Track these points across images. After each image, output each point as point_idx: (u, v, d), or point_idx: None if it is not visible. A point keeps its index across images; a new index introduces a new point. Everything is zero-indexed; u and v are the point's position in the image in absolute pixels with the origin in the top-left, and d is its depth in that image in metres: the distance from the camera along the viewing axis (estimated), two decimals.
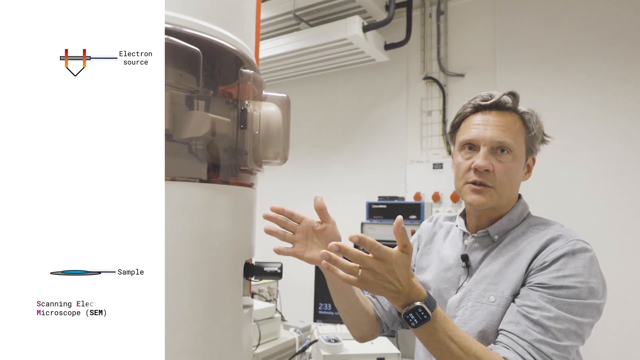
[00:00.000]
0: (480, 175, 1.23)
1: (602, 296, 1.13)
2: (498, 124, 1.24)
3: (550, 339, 1.07)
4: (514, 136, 1.23)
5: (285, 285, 3.00)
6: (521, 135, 1.25)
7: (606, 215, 3.10)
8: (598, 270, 1.14)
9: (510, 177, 1.23)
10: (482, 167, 1.21)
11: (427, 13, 4.00)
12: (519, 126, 1.25)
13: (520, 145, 1.25)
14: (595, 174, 3.16)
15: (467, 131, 1.28)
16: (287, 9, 3.75)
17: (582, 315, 1.09)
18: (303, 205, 4.58)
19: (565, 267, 1.12)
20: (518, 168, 1.25)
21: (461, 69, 3.82)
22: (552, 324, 1.08)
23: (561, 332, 1.08)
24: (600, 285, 1.13)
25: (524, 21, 3.54)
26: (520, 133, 1.25)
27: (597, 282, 1.12)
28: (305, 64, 4.06)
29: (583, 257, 1.13)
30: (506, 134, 1.22)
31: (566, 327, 1.08)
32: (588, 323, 1.11)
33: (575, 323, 1.09)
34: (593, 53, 3.26)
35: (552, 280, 1.12)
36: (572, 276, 1.11)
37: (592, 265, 1.13)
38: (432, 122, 3.94)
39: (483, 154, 1.22)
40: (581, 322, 1.09)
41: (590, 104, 3.21)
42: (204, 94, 1.03)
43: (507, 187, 1.24)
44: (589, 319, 1.11)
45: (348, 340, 2.42)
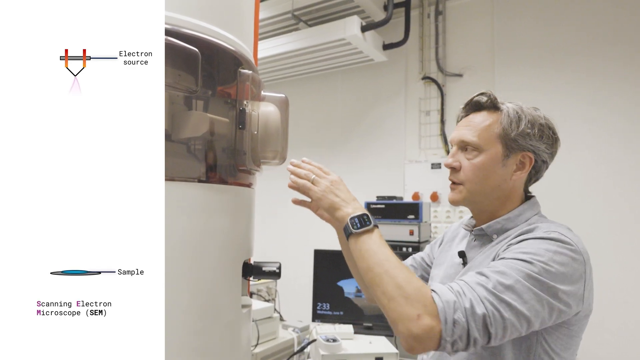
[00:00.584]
0: (451, 173, 1.32)
1: (566, 289, 1.06)
2: (467, 123, 1.30)
3: (490, 287, 1.01)
4: (479, 133, 1.26)
5: (283, 285, 3.00)
6: (490, 131, 1.25)
7: (605, 215, 3.11)
8: (573, 267, 1.08)
9: (477, 172, 1.25)
10: (447, 165, 1.31)
11: (425, 13, 4.00)
12: (489, 123, 1.26)
13: (490, 141, 1.25)
14: (594, 174, 3.16)
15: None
16: (285, 8, 3.75)
17: (531, 285, 1.02)
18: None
19: (528, 246, 1.10)
20: (488, 164, 1.25)
21: (459, 69, 3.83)
22: (497, 277, 1.03)
23: (503, 286, 1.01)
24: (565, 278, 1.06)
25: (523, 21, 3.54)
26: (489, 129, 1.26)
27: (561, 272, 1.06)
28: (304, 64, 4.06)
29: (551, 243, 1.10)
30: (470, 133, 1.27)
31: (510, 283, 1.02)
32: (537, 299, 1.02)
33: (522, 285, 1.02)
34: (591, 53, 3.26)
35: (511, 254, 1.10)
36: (531, 253, 1.07)
37: (562, 255, 1.08)
38: (431, 122, 3.94)
39: (451, 152, 1.32)
40: (529, 289, 1.02)
41: (588, 104, 3.21)
42: (203, 94, 1.03)
43: (475, 182, 1.26)
44: (539, 296, 1.02)
45: (347, 340, 2.42)
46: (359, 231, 1.14)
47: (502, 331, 1.00)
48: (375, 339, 2.52)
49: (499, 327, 0.99)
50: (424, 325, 0.98)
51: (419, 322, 0.98)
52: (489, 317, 0.99)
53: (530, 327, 1.03)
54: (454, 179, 1.30)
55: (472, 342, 0.99)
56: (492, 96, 1.29)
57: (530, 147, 1.25)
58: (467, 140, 1.27)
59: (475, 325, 0.98)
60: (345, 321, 2.75)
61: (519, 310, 1.00)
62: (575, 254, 1.10)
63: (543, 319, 1.04)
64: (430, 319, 0.98)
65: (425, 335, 0.98)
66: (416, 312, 0.99)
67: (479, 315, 0.98)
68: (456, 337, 0.98)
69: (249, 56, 1.17)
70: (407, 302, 1.01)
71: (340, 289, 2.83)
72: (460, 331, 0.98)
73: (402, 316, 1.01)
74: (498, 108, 1.28)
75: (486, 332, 0.99)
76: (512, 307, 1.00)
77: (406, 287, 1.03)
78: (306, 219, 1.57)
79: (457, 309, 0.99)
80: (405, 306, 1.01)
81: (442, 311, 0.98)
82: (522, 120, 1.24)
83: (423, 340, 0.98)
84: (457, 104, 3.86)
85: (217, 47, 1.04)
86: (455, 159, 1.29)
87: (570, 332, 1.14)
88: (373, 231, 1.14)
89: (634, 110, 3.09)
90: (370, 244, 1.12)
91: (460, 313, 0.98)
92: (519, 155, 1.26)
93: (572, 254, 1.10)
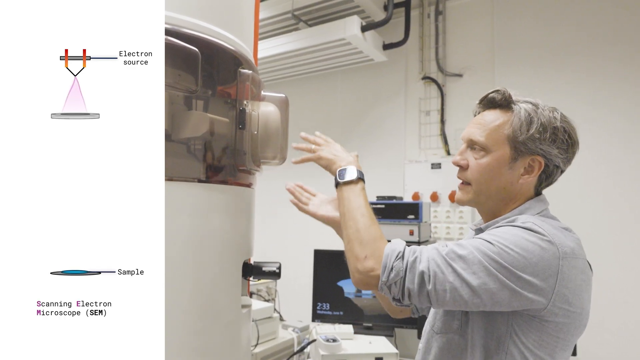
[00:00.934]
0: (458, 172, 1.30)
1: (527, 277, 1.05)
2: (478, 121, 1.26)
3: (444, 253, 1.10)
4: (487, 133, 1.22)
5: (283, 285, 3.00)
6: (499, 131, 1.21)
7: (605, 215, 3.10)
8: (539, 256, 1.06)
9: (483, 173, 1.22)
10: (454, 163, 1.30)
11: (425, 13, 4.00)
12: (499, 123, 1.22)
13: (498, 142, 1.21)
14: (594, 174, 3.16)
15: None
16: (285, 8, 3.75)
17: (485, 261, 1.05)
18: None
19: (497, 231, 1.13)
20: (494, 165, 1.21)
21: (459, 69, 3.82)
22: (454, 247, 1.11)
23: (455, 254, 1.08)
24: (528, 265, 1.05)
25: (523, 21, 3.54)
26: (498, 129, 1.21)
27: (522, 256, 1.05)
28: (304, 63, 4.05)
29: (520, 230, 1.10)
30: (479, 131, 1.24)
31: (463, 254, 1.08)
32: (487, 274, 1.05)
33: (474, 257, 1.06)
34: (592, 53, 3.26)
35: (479, 236, 1.15)
36: (496, 236, 1.10)
37: (529, 242, 1.07)
38: (431, 122, 3.94)
39: (460, 150, 1.29)
40: (480, 263, 1.05)
41: (588, 104, 3.21)
42: (203, 94, 1.03)
43: (481, 183, 1.23)
44: (490, 272, 1.04)
45: (346, 340, 2.42)
46: (341, 181, 1.30)
47: (442, 293, 1.07)
48: (375, 339, 2.52)
49: (439, 287, 1.07)
50: (367, 265, 1.14)
51: (364, 262, 1.15)
52: (428, 275, 1.08)
53: (478, 298, 1.06)
54: (462, 177, 1.28)
55: (406, 293, 1.10)
56: (507, 94, 1.23)
57: (540, 151, 1.19)
58: (475, 139, 1.24)
59: (411, 277, 1.09)
60: (345, 321, 2.75)
61: (463, 277, 1.06)
62: (545, 244, 1.08)
63: (494, 296, 1.06)
64: (374, 261, 1.14)
65: (367, 274, 1.15)
66: (364, 253, 1.16)
67: (419, 270, 1.09)
68: (391, 283, 1.10)
69: (249, 56, 1.17)
70: (360, 245, 1.18)
71: (340, 289, 2.83)
72: (395, 277, 1.10)
73: (353, 255, 1.18)
74: (511, 107, 1.23)
75: (422, 287, 1.08)
76: (457, 273, 1.07)
77: (363, 233, 1.19)
78: (306, 219, 1.56)
79: (400, 258, 1.11)
80: (358, 248, 1.18)
81: (385, 257, 1.13)
82: (533, 123, 1.18)
83: (364, 277, 1.15)
84: (457, 104, 3.88)
85: (217, 46, 1.04)
86: (463, 157, 1.27)
87: (545, 327, 1.10)
88: (357, 183, 1.29)
89: (634, 110, 3.09)
90: (349, 193, 1.28)
91: (401, 263, 1.11)
92: (528, 159, 1.20)
93: (542, 243, 1.08)
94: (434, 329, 1.29)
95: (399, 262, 1.11)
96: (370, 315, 2.78)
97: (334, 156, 1.37)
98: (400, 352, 2.49)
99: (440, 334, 1.26)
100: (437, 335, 1.27)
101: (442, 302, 1.08)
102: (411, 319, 2.68)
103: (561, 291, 1.08)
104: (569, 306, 1.10)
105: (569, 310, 1.10)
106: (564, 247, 1.09)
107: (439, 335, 1.27)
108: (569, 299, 1.09)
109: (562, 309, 1.09)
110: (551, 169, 1.23)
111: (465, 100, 3.77)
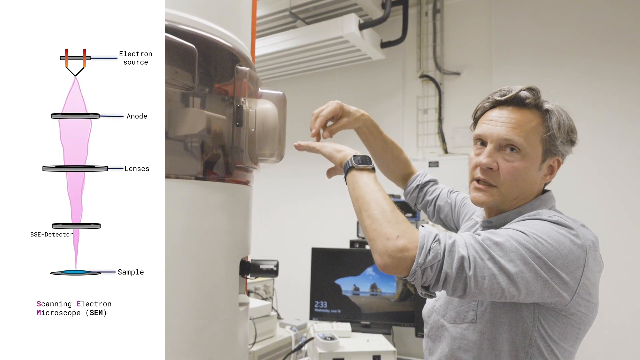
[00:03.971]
0: (484, 173, 1.20)
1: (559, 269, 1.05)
2: (510, 120, 1.18)
3: (480, 239, 1.04)
4: (525, 134, 1.16)
5: (281, 283, 3.00)
6: (536, 134, 1.17)
7: (602, 214, 3.12)
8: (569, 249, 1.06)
9: (516, 177, 1.17)
10: (484, 165, 1.19)
11: (423, 11, 4.00)
12: (535, 124, 1.18)
13: (534, 144, 1.17)
14: (592, 173, 3.17)
15: (480, 126, 1.25)
16: (283, 6, 3.75)
17: (522, 249, 1.03)
18: (298, 203, 4.56)
19: (526, 223, 1.10)
20: (528, 168, 1.18)
21: (457, 67, 3.83)
22: (489, 234, 1.06)
23: (492, 241, 1.04)
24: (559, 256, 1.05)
25: (520, 20, 3.54)
26: (535, 132, 1.17)
27: (555, 248, 1.05)
28: (302, 61, 4.06)
29: (550, 224, 1.09)
30: (516, 132, 1.16)
31: (499, 240, 1.04)
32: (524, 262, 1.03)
33: (511, 245, 1.03)
34: (589, 52, 3.26)
35: (507, 226, 1.13)
36: (528, 226, 1.08)
37: (560, 234, 1.06)
38: (428, 120, 3.94)
39: (488, 151, 1.19)
40: (517, 250, 1.03)
41: (586, 103, 3.22)
42: (200, 91, 1.03)
43: (511, 187, 1.18)
44: (526, 260, 1.03)
45: (344, 338, 2.42)
46: (359, 166, 1.19)
47: (481, 280, 1.00)
48: (372, 337, 2.52)
49: (478, 273, 1.00)
50: (400, 244, 1.00)
51: (397, 241, 1.01)
52: (469, 260, 1.00)
53: (514, 287, 1.02)
54: (490, 180, 1.20)
55: (443, 277, 1.00)
56: (538, 94, 1.19)
57: (561, 151, 1.19)
58: (515, 141, 1.16)
59: (450, 261, 1.00)
60: (343, 319, 2.75)
61: (502, 264, 1.01)
62: (574, 237, 1.08)
63: (529, 285, 1.03)
64: (408, 241, 1.01)
65: (399, 255, 1.00)
66: (396, 233, 1.02)
67: (459, 254, 1.00)
68: (427, 265, 0.99)
69: (247, 53, 1.17)
70: (389, 224, 1.04)
71: (337, 287, 2.83)
72: (432, 260, 0.99)
73: (381, 234, 1.04)
74: (541, 109, 1.19)
75: (461, 272, 1.00)
76: (496, 260, 1.01)
77: (390, 214, 1.06)
78: (304, 217, 1.57)
79: (437, 241, 1.01)
80: (387, 227, 1.04)
81: (422, 237, 1.01)
82: (563, 126, 1.18)
83: (396, 259, 1.00)
84: (455, 103, 3.88)
85: (215, 43, 1.04)
86: (493, 159, 1.18)
87: (569, 320, 1.12)
88: (372, 172, 1.20)
89: (632, 109, 3.10)
90: (367, 178, 1.16)
91: (439, 245, 1.00)
92: (552, 160, 1.20)
93: (571, 236, 1.07)
94: (446, 318, 1.27)
95: (437, 244, 1.01)
96: (368, 314, 2.77)
97: (339, 146, 1.32)
98: (398, 350, 2.49)
99: (454, 324, 1.24)
100: (450, 325, 1.25)
101: (479, 290, 1.01)
102: (409, 317, 2.68)
103: (585, 283, 1.08)
104: (589, 297, 1.11)
105: (589, 302, 1.11)
106: (588, 240, 1.10)
107: (452, 325, 1.25)
108: (590, 290, 1.11)
109: (584, 300, 1.10)
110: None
111: (462, 98, 3.78)
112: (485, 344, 1.18)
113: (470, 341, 1.20)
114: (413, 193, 1.73)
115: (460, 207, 1.59)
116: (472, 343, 1.20)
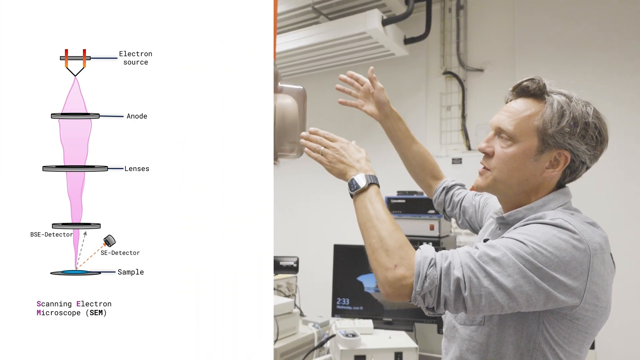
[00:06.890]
0: (483, 158, 1.27)
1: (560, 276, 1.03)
2: (509, 109, 1.23)
3: (476, 256, 1.05)
4: (516, 123, 1.19)
5: (303, 280, 3.01)
6: (530, 122, 1.18)
7: (624, 213, 3.09)
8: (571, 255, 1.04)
9: (507, 162, 1.20)
10: (479, 149, 1.27)
11: (446, 7, 3.96)
12: (530, 113, 1.19)
13: (527, 133, 1.18)
14: (613, 170, 3.11)
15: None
16: (305, 2, 3.75)
17: (519, 262, 1.02)
18: (320, 199, 4.55)
19: (527, 229, 1.10)
20: (518, 156, 1.18)
21: (480, 64, 3.79)
22: (486, 249, 1.07)
23: (488, 257, 1.04)
24: (560, 264, 1.03)
25: (544, 16, 3.49)
26: (529, 121, 1.18)
27: (555, 256, 1.03)
28: (324, 58, 4.04)
29: (551, 228, 1.07)
30: (507, 120, 1.20)
31: (496, 256, 1.04)
32: (523, 276, 1.02)
33: (508, 259, 1.03)
34: (613, 48, 3.20)
35: (508, 234, 1.11)
36: (527, 234, 1.07)
37: (561, 240, 1.05)
38: (452, 117, 3.91)
39: (486, 137, 1.26)
40: (514, 264, 1.02)
41: (609, 100, 3.14)
42: None
43: (502, 172, 1.21)
44: (525, 274, 1.02)
45: (366, 335, 2.42)
46: (353, 192, 1.25)
47: (478, 298, 1.03)
48: (394, 334, 2.51)
49: (474, 292, 1.03)
50: (398, 274, 1.06)
51: (395, 271, 1.07)
52: (464, 281, 1.03)
53: (514, 302, 1.03)
54: (485, 164, 1.26)
55: (442, 301, 1.04)
56: (542, 83, 1.21)
57: (568, 145, 1.17)
58: (503, 127, 1.20)
59: (447, 285, 1.04)
60: (365, 316, 2.74)
61: (499, 281, 1.03)
62: (577, 242, 1.06)
63: (530, 298, 1.03)
64: (405, 269, 1.06)
65: (398, 284, 1.06)
66: (393, 262, 1.08)
67: (454, 277, 1.03)
68: (426, 292, 1.04)
69: None
70: (387, 254, 1.10)
71: (360, 284, 2.83)
72: (430, 286, 1.04)
73: (381, 265, 1.10)
74: (544, 98, 1.20)
75: (458, 294, 1.03)
76: (492, 277, 1.03)
77: (388, 240, 1.12)
78: (326, 213, 1.57)
79: (433, 266, 1.05)
80: (385, 257, 1.10)
81: (418, 264, 1.06)
82: (564, 117, 1.16)
83: (396, 288, 1.07)
84: (478, 99, 3.84)
85: None
86: (489, 145, 1.24)
87: (575, 324, 1.10)
88: (368, 190, 1.24)
89: None
90: (364, 202, 1.22)
91: (435, 270, 1.04)
92: (555, 153, 1.18)
93: (573, 241, 1.06)
94: (457, 319, 1.29)
95: (433, 269, 1.04)
96: (390, 310, 2.77)
97: (342, 165, 1.31)
98: (420, 346, 2.48)
99: (464, 326, 1.26)
100: (461, 326, 1.27)
101: (478, 308, 1.04)
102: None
103: (591, 288, 1.07)
104: (597, 301, 1.09)
105: (597, 306, 1.10)
106: (594, 243, 1.08)
107: (462, 326, 1.26)
108: (598, 295, 1.09)
109: (591, 305, 1.09)
110: (577, 164, 1.21)
111: (486, 95, 3.73)
112: (491, 347, 1.18)
113: (477, 343, 1.21)
114: (440, 196, 1.77)
115: (483, 208, 1.60)
116: (479, 345, 1.21)
